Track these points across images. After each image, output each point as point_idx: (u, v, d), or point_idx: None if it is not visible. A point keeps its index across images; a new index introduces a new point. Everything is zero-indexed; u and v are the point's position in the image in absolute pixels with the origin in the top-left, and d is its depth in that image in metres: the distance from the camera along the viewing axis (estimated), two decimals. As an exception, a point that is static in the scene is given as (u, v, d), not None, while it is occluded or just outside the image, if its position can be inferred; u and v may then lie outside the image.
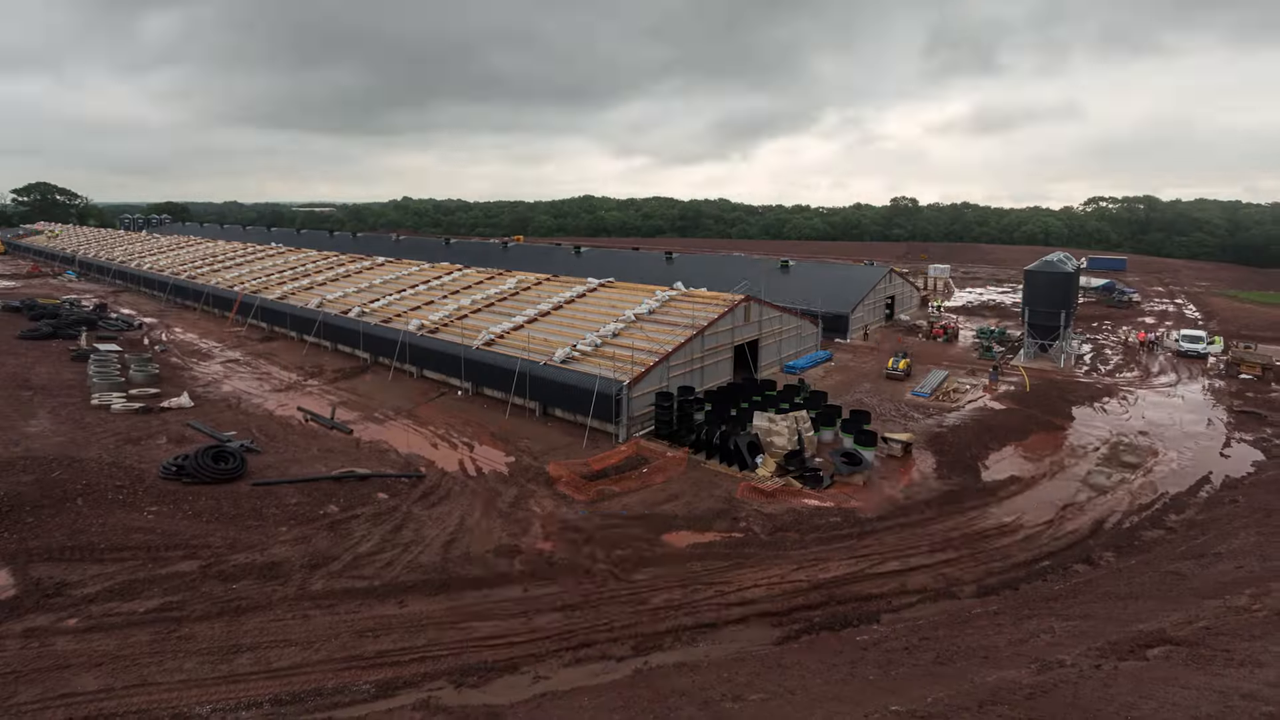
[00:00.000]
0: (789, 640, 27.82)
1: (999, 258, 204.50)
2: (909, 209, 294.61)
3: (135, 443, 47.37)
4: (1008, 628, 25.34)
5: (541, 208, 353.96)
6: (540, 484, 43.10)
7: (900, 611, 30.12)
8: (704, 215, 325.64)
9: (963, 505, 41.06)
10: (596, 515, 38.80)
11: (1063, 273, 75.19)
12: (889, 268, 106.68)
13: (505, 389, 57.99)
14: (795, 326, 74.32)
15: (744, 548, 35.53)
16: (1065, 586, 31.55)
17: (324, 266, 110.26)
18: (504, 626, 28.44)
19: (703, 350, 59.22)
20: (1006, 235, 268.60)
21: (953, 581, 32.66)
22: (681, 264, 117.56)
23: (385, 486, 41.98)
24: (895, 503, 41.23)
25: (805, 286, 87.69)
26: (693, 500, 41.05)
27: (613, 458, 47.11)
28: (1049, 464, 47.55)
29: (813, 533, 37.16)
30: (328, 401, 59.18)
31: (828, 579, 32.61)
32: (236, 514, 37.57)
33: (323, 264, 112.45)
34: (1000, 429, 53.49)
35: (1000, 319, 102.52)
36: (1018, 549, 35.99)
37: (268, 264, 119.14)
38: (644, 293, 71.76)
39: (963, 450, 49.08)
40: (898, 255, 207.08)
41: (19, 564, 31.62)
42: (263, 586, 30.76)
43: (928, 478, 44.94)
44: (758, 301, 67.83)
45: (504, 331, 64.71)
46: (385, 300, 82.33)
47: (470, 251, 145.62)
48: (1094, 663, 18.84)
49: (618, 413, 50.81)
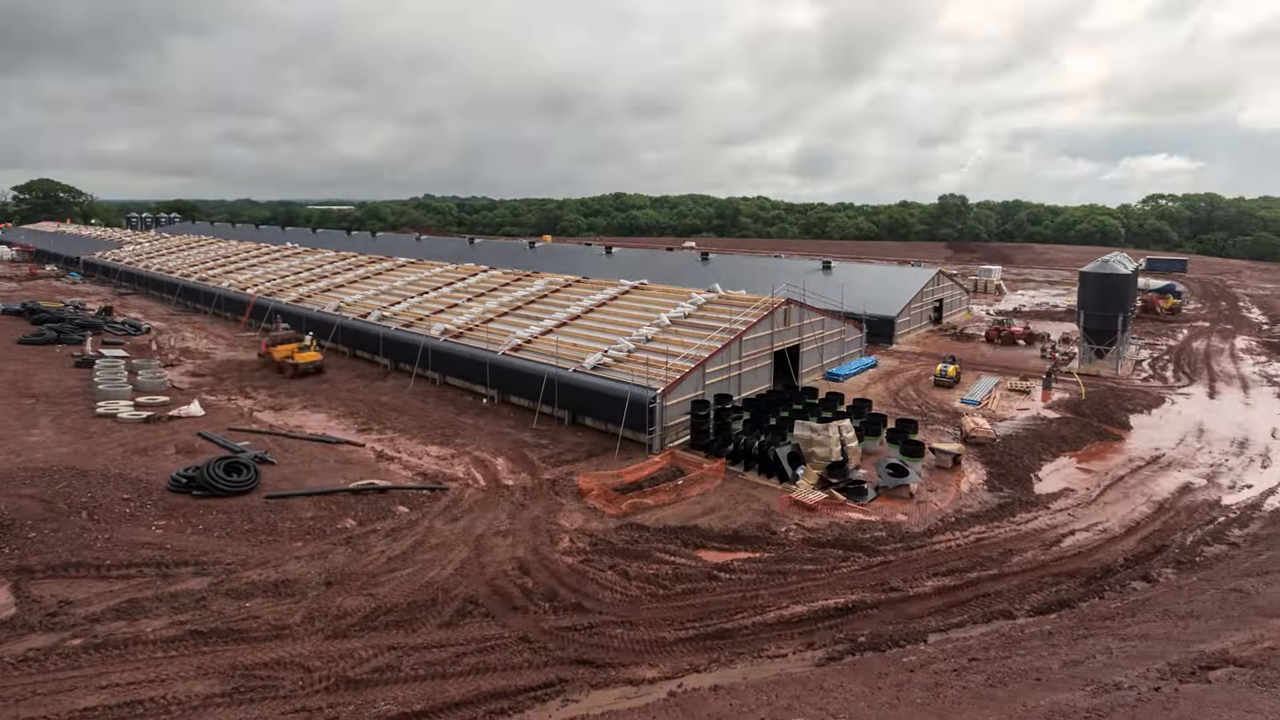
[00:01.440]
0: (831, 661, 27.81)
1: (1052, 258, 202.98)
2: (958, 207, 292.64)
3: (142, 453, 47.78)
4: (1062, 648, 25.23)
5: (571, 206, 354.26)
6: (569, 496, 43.24)
7: (948, 631, 30.05)
8: (741, 213, 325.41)
9: (1014, 519, 40.87)
10: (628, 529, 38.84)
11: (1119, 274, 74.58)
12: (937, 269, 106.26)
13: (533, 397, 58.33)
14: (838, 331, 74.24)
15: (784, 564, 35.48)
16: (1122, 605, 31.33)
17: (342, 268, 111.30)
18: (528, 645, 28.53)
19: (740, 356, 59.33)
20: (1061, 234, 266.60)
21: (1004, 599, 32.52)
22: (718, 265, 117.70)
23: (406, 499, 42.21)
24: (943, 516, 41.09)
25: (849, 289, 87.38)
26: (730, 514, 41.08)
27: (646, 469, 47.23)
28: (1105, 475, 47.22)
29: (856, 548, 37.10)
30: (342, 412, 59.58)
31: (872, 597, 32.58)
32: (249, 529, 37.81)
33: (340, 265, 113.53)
34: (1054, 438, 53.19)
35: (1051, 323, 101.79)
36: (1072, 565, 35.75)
37: (282, 265, 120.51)
38: (678, 295, 71.88)
39: (1014, 461, 48.81)
40: (946, 256, 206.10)
41: (19, 581, 31.76)
42: (275, 605, 30.87)
43: (977, 490, 44.77)
44: (798, 305, 67.85)
45: (532, 336, 65.09)
46: (406, 304, 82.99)
47: (496, 252, 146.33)
48: (1153, 685, 18.77)
49: (651, 422, 50.95)
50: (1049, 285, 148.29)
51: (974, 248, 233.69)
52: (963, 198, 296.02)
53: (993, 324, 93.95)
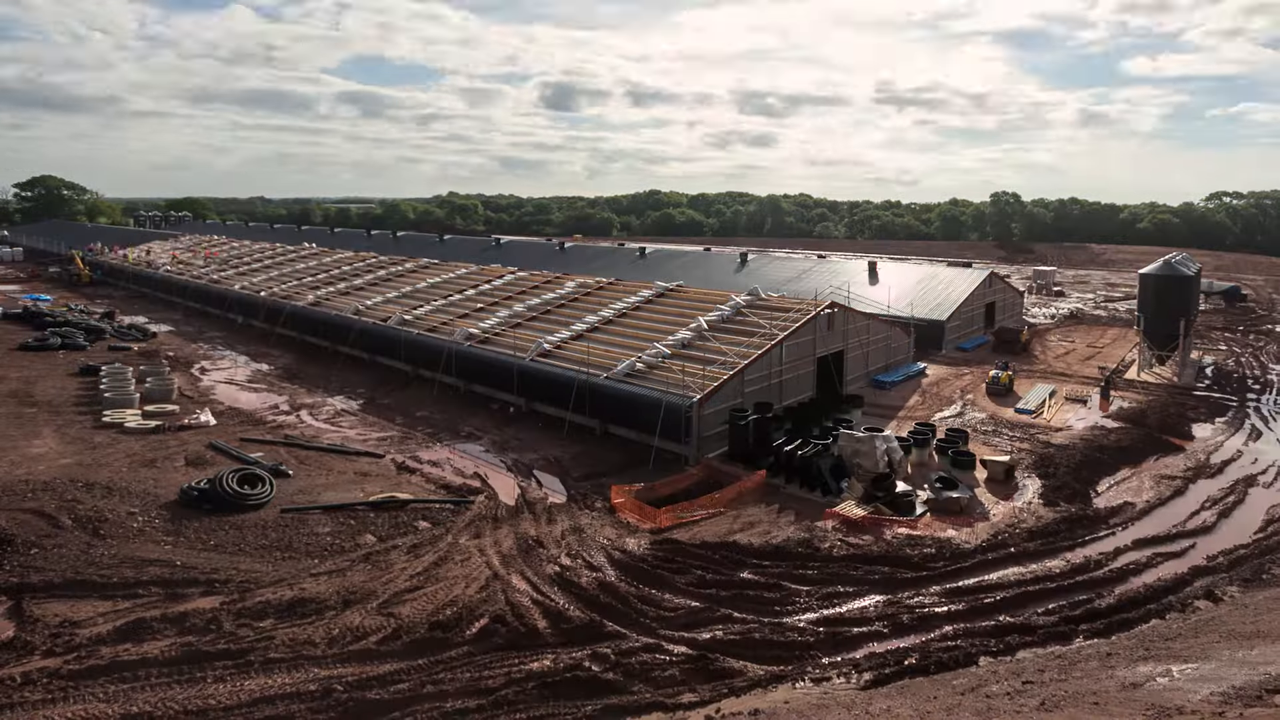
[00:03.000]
0: (877, 684, 27.86)
1: (1110, 258, 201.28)
2: (1011, 205, 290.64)
3: (151, 465, 48.02)
4: (1120, 670, 25.18)
5: (602, 204, 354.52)
6: (600, 510, 43.47)
7: (1000, 654, 30.07)
8: (783, 212, 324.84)
9: (1070, 534, 40.70)
10: (662, 545, 38.95)
11: (1181, 276, 74.01)
12: (989, 270, 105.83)
13: (562, 405, 58.54)
14: (885, 336, 74.21)
15: (827, 582, 35.57)
16: (1185, 625, 31.19)
17: (361, 269, 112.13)
18: (557, 668, 28.61)
19: (781, 362, 59.47)
20: (1120, 233, 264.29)
21: (1059, 619, 32.46)
22: (758, 266, 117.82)
23: (428, 513, 42.45)
24: (996, 531, 40.99)
25: (896, 292, 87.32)
26: (770, 529, 41.16)
27: (681, 481, 47.48)
28: (1166, 488, 46.95)
29: (903, 565, 37.14)
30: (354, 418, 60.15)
31: (920, 615, 32.67)
32: (263, 545, 37.93)
33: (360, 266, 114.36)
34: (1113, 449, 52.88)
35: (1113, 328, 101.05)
36: (1131, 583, 35.69)
37: (299, 266, 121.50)
38: (716, 299, 72.03)
39: (1072, 473, 48.57)
40: (999, 257, 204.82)
41: (19, 601, 31.77)
42: (291, 626, 30.83)
43: (1032, 504, 44.64)
44: (843, 308, 67.93)
45: (561, 342, 65.55)
46: (429, 307, 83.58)
47: (523, 252, 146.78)
48: (1216, 710, 18.78)
49: (687, 432, 51.14)
50: (1107, 287, 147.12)
51: (1028, 248, 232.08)
52: (1016, 195, 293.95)
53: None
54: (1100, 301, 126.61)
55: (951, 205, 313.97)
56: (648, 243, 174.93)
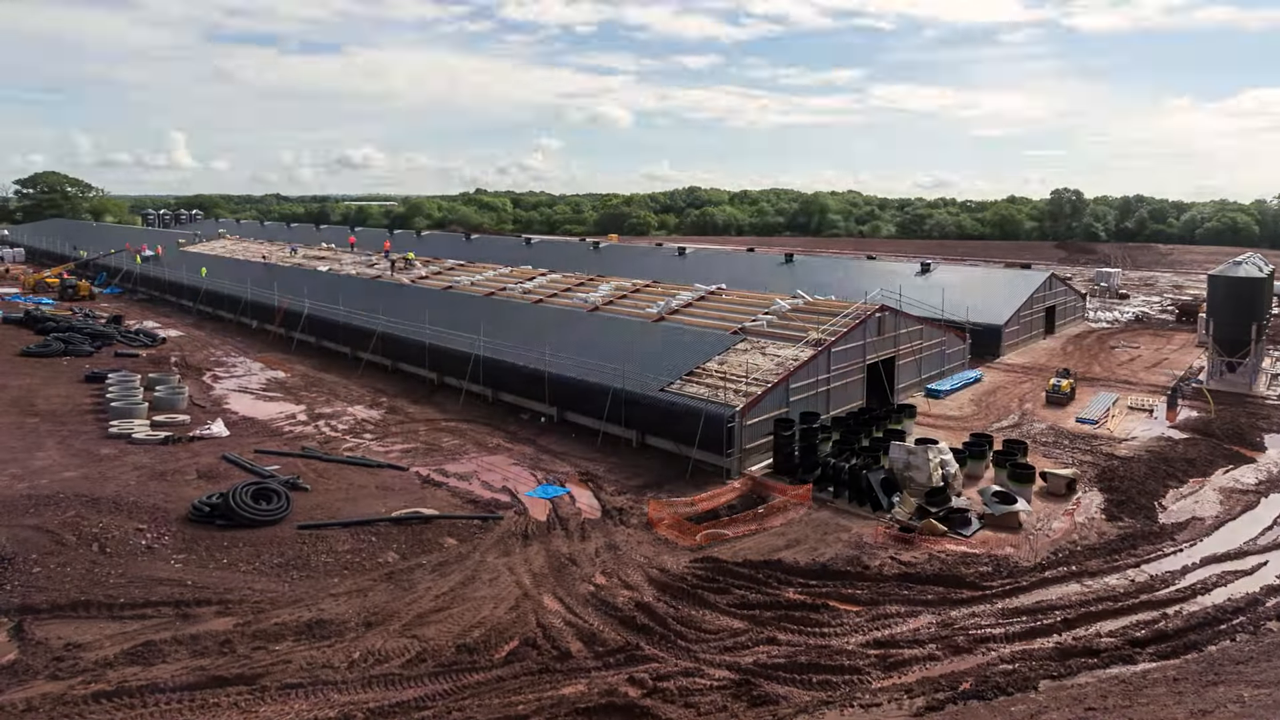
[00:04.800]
0: (932, 710, 27.28)
1: (1178, 259, 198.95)
2: (1072, 202, 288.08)
3: (160, 478, 47.73)
4: (1189, 696, 24.82)
5: (639, 202, 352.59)
6: (637, 526, 43.12)
7: (1062, 678, 29.47)
8: (830, 210, 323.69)
9: (1136, 551, 39.93)
10: (702, 564, 38.62)
11: (1252, 278, 73.04)
12: (1049, 272, 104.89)
13: (596, 415, 58.29)
14: (938, 341, 73.67)
15: (877, 602, 35.19)
16: (1257, 648, 30.44)
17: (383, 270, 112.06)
18: (591, 693, 28.39)
19: (829, 369, 59.04)
20: (1188, 233, 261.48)
21: (1123, 641, 31.87)
22: (803, 267, 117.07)
23: (454, 529, 42.21)
24: (1056, 548, 40.32)
25: (950, 294, 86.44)
26: (817, 546, 40.69)
27: (723, 496, 47.12)
28: (1237, 503, 46.11)
29: (958, 584, 36.64)
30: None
31: (977, 637, 32.11)
32: (279, 563, 37.71)
33: (382, 268, 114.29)
34: (1180, 461, 52.08)
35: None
36: (1200, 604, 34.83)
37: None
38: (759, 302, 71.83)
39: (1136, 486, 47.78)
40: (1059, 258, 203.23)
41: (22, 622, 31.51)
42: (309, 649, 30.66)
43: (1095, 519, 43.93)
44: (894, 312, 67.39)
45: (596, 347, 65.21)
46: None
47: (555, 253, 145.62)
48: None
49: (729, 443, 50.65)
50: (1174, 290, 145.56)
51: (1090, 248, 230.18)
52: (1077, 192, 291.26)
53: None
54: (1166, 305, 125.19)
55: (1009, 203, 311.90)
56: (687, 242, 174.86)
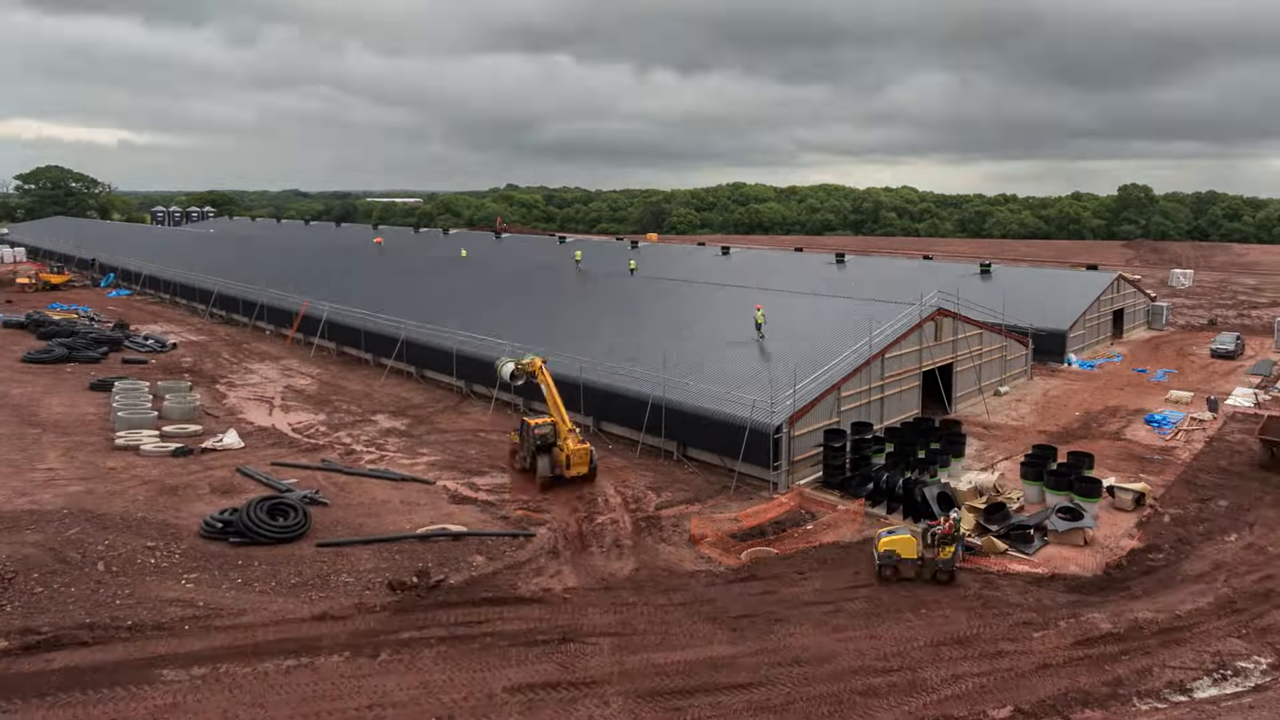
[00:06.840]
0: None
1: (1254, 260, 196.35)
2: (1141, 199, 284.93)
3: (171, 493, 47.27)
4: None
5: (680, 198, 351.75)
6: (679, 544, 42.70)
7: (1129, 700, 29.22)
8: (884, 208, 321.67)
9: (1208, 570, 39.52)
10: (747, 585, 38.27)
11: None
12: (1116, 273, 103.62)
13: (635, 425, 57.96)
14: (999, 347, 72.96)
15: (936, 627, 34.72)
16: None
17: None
18: None
19: (883, 377, 58.60)
20: (1265, 232, 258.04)
21: (1199, 667, 31.43)
22: (855, 268, 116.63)
23: (484, 547, 41.69)
24: (1124, 567, 39.94)
25: (1012, 297, 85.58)
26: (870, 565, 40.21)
27: (769, 511, 46.63)
28: (1317, 520, 45.47)
29: (1020, 606, 36.19)
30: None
31: (1039, 663, 31.72)
32: (297, 582, 37.09)
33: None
34: (1256, 474, 51.60)
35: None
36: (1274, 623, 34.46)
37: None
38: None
39: (1209, 501, 47.36)
40: (1127, 258, 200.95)
41: (24, 644, 31.02)
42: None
43: (1165, 536, 43.43)
44: (952, 316, 66.83)
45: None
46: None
47: (592, 253, 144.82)
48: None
49: (776, 455, 50.33)
50: (1251, 292, 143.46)
51: (1161, 247, 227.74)
52: (1147, 188, 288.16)
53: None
54: (1244, 309, 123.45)
55: (1073, 200, 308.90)
56: (733, 241, 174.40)
